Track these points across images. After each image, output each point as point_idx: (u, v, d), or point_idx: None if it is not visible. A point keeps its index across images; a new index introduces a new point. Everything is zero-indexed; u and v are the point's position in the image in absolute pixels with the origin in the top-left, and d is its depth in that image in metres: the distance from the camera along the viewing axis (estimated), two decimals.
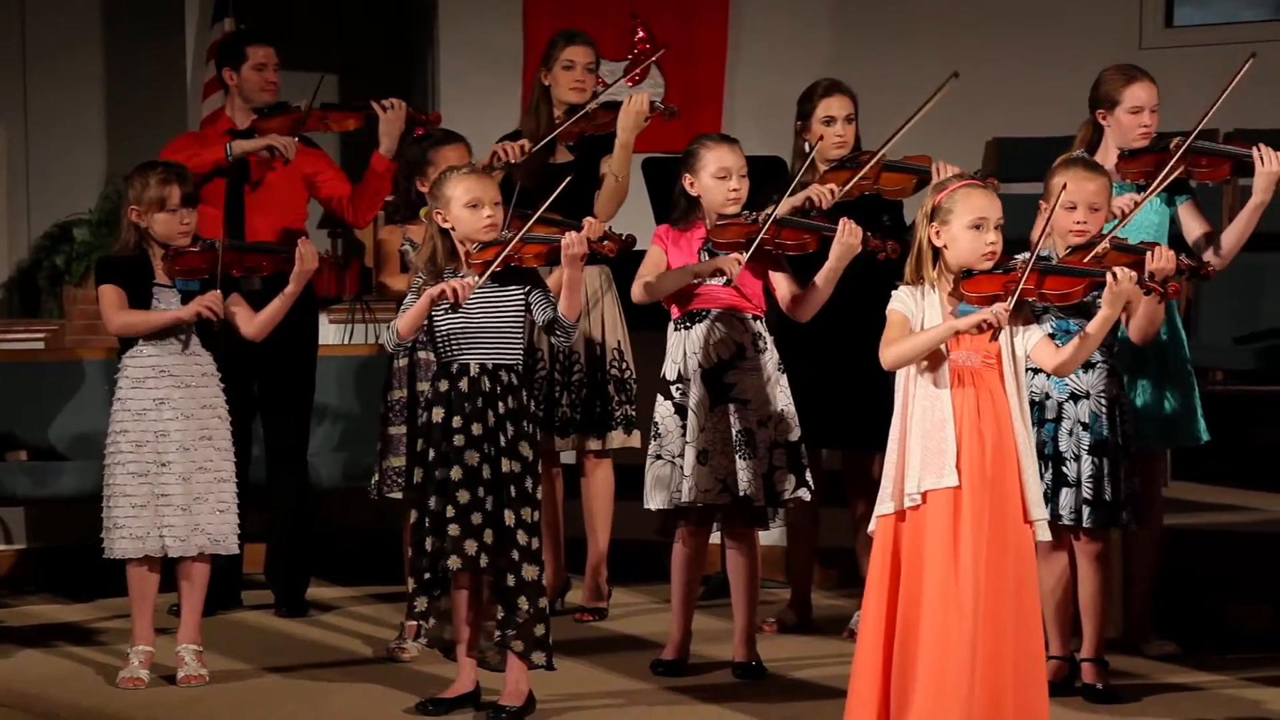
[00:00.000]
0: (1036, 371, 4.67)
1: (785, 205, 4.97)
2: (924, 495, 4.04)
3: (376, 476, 5.36)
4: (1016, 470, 4.07)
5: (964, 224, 4.09)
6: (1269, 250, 6.19)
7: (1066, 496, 4.64)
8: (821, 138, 5.25)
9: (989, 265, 4.11)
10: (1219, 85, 4.93)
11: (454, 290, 4.44)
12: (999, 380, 4.09)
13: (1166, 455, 5.89)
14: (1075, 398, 4.66)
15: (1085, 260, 4.43)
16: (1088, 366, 4.65)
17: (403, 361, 5.31)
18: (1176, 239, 4.89)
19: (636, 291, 4.97)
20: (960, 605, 4.00)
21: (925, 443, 4.06)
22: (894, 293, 4.16)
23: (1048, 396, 4.68)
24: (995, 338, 4.04)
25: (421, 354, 5.22)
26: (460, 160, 5.17)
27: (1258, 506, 5.91)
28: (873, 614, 4.10)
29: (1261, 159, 4.80)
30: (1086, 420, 4.65)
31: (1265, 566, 5.43)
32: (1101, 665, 4.73)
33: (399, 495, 5.25)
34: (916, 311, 4.12)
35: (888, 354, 4.11)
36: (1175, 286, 4.37)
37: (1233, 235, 4.94)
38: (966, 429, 4.05)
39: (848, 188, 5.10)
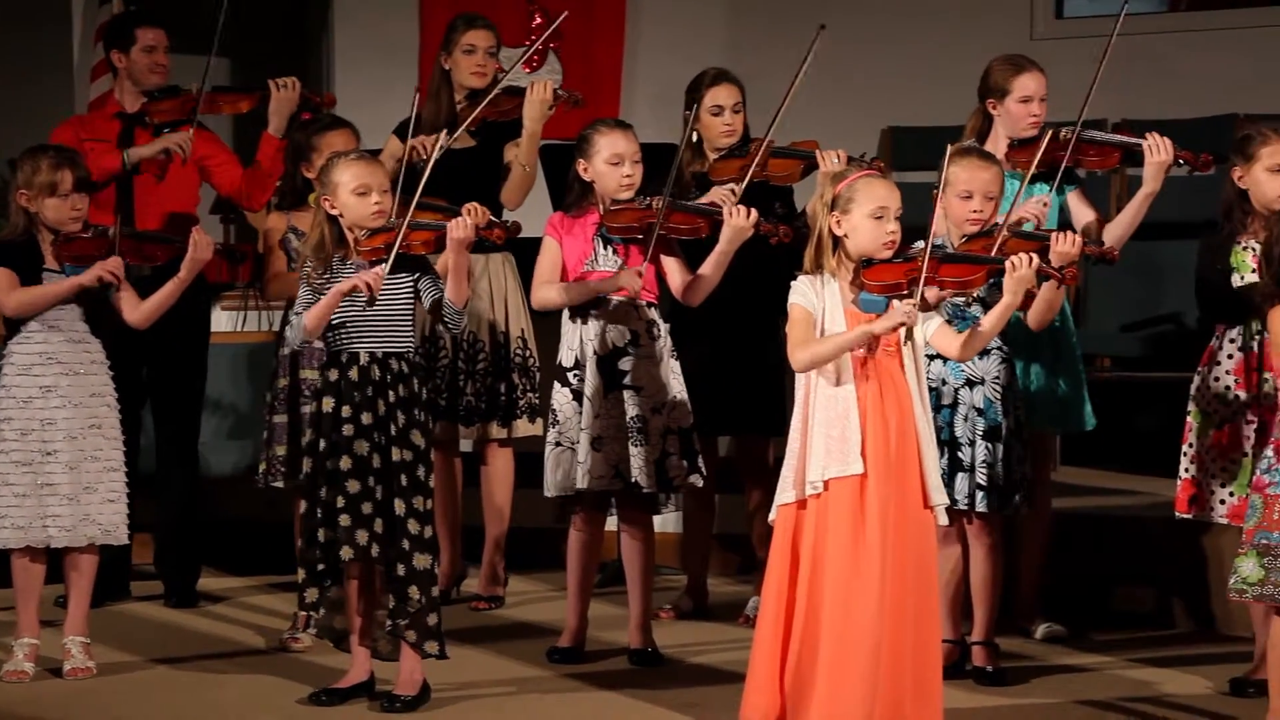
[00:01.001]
0: (933, 358, 4.72)
1: (706, 198, 4.99)
2: (826, 483, 4.07)
3: (264, 465, 5.31)
4: (917, 456, 4.12)
5: (865, 213, 4.12)
6: (1157, 239, 6.29)
7: (961, 481, 4.69)
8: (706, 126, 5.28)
9: (889, 254, 4.15)
10: (1108, 76, 4.99)
11: (366, 284, 4.40)
12: (899, 368, 4.13)
13: (1056, 440, 6.00)
14: (971, 383, 4.72)
15: (995, 247, 4.48)
16: (983, 353, 4.71)
17: (286, 349, 5.27)
18: (1066, 227, 4.95)
19: (537, 299, 4.97)
20: (865, 593, 4.04)
21: (828, 431, 4.09)
22: (793, 284, 4.18)
23: (944, 382, 4.73)
24: (909, 337, 4.09)
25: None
26: (347, 146, 5.13)
27: (1143, 490, 6.01)
28: (772, 601, 4.12)
29: (1152, 148, 4.87)
30: (981, 406, 4.71)
31: (1150, 549, 5.53)
32: (992, 648, 4.79)
33: (283, 484, 5.23)
34: (817, 303, 4.14)
35: (800, 356, 4.11)
36: (1073, 272, 4.43)
37: (1122, 224, 5.02)
38: (870, 417, 4.08)
39: (745, 183, 5.11)
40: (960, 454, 4.70)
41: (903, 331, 4.06)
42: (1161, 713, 4.42)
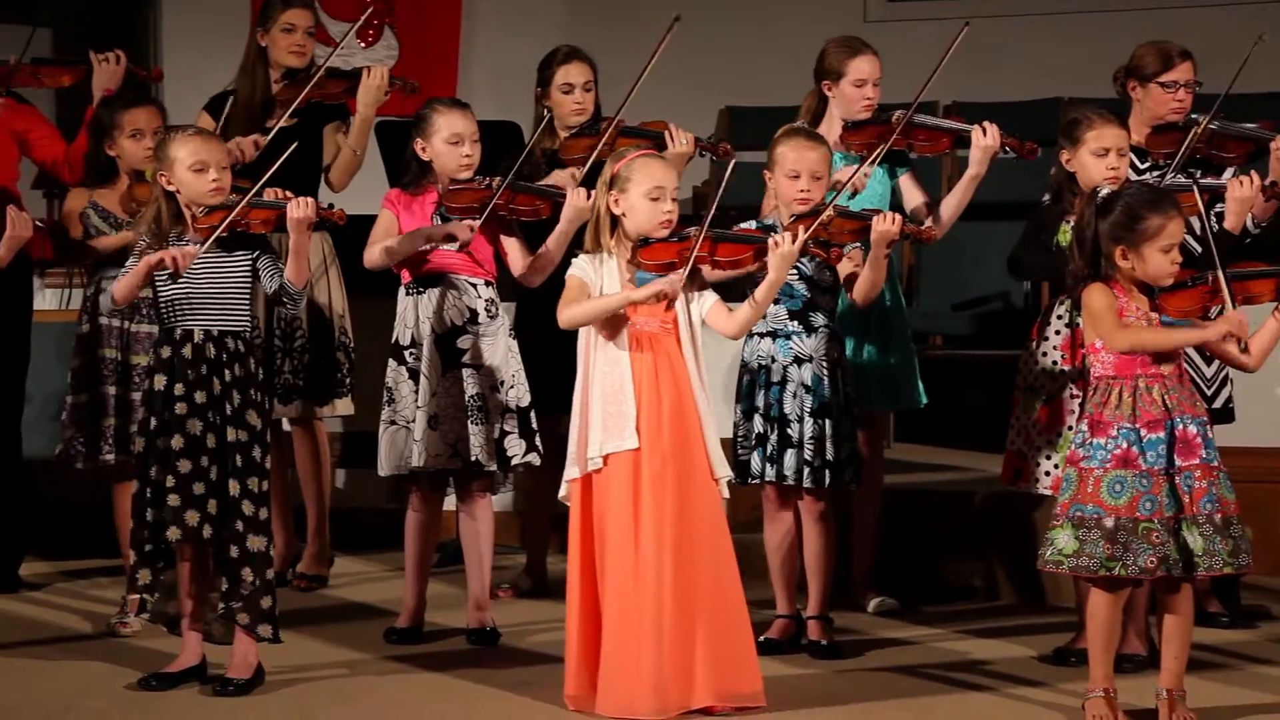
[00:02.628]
0: (763, 336, 4.78)
1: (549, 180, 4.98)
2: (605, 458, 4.15)
3: (61, 446, 5.23)
4: (699, 431, 4.17)
5: (641, 193, 4.21)
6: (985, 220, 6.42)
7: (790, 458, 4.75)
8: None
9: (665, 233, 4.22)
10: (938, 59, 5.07)
11: (174, 259, 4.32)
12: (676, 344, 4.22)
13: (889, 418, 6.10)
14: (799, 361, 4.78)
15: (813, 229, 4.54)
16: (811, 331, 4.78)
17: (85, 328, 5.17)
18: (898, 209, 5.03)
19: (370, 257, 4.93)
20: (643, 565, 4.12)
21: (606, 407, 4.18)
22: (574, 260, 4.28)
23: (773, 360, 4.79)
24: (670, 307, 4.16)
25: (131, 326, 5.09)
26: (150, 123, 5.07)
27: (973, 466, 6.14)
28: (575, 578, 4.22)
29: (981, 133, 4.97)
30: (810, 383, 4.77)
31: (979, 524, 5.66)
32: (826, 622, 4.86)
33: (82, 465, 5.17)
34: (595, 279, 4.24)
35: (563, 315, 4.24)
36: (837, 254, 4.55)
37: (950, 205, 5.11)
38: (646, 392, 4.17)
39: (586, 167, 5.11)
40: (789, 430, 4.76)
41: (679, 309, 4.15)
42: (988, 682, 4.53)
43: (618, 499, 4.16)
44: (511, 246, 4.93)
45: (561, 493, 4.29)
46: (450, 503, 5.05)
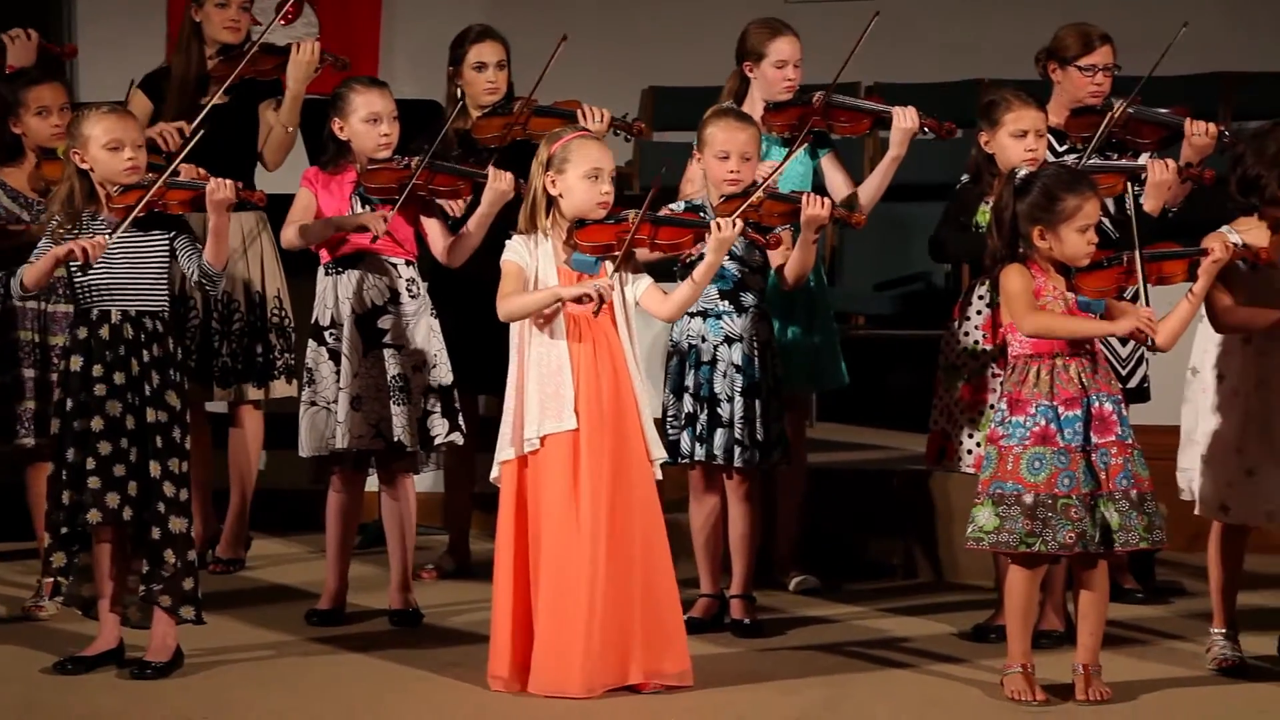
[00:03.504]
0: (694, 315, 4.79)
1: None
2: (543, 439, 4.14)
3: None
4: (635, 413, 4.19)
5: (579, 174, 4.20)
6: (907, 201, 6.47)
7: (720, 437, 4.77)
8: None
9: (603, 215, 4.21)
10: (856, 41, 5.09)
11: (83, 250, 4.25)
12: (612, 326, 4.22)
13: (812, 398, 6.13)
14: (729, 341, 4.79)
15: (742, 209, 4.55)
16: (741, 311, 4.79)
17: None
18: (819, 190, 5.05)
19: (286, 237, 4.91)
20: (579, 545, 4.13)
21: (543, 388, 4.17)
22: (508, 243, 4.27)
23: (703, 339, 4.80)
24: (596, 313, 4.16)
25: (48, 306, 5.04)
26: (55, 100, 5.01)
27: (894, 446, 6.19)
28: (505, 557, 4.22)
29: (899, 116, 5.00)
30: (740, 363, 4.78)
31: (899, 502, 5.70)
32: (749, 601, 4.88)
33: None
34: (530, 260, 4.23)
35: (502, 307, 4.22)
36: (777, 238, 4.56)
37: (871, 187, 5.14)
38: (584, 374, 4.17)
39: (501, 131, 5.10)
40: (719, 410, 4.77)
41: (615, 291, 4.12)
42: (908, 659, 4.57)
43: (555, 480, 4.16)
44: (432, 227, 4.90)
45: (494, 474, 4.27)
46: (372, 483, 5.02)
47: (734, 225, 4.27)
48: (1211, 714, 4.09)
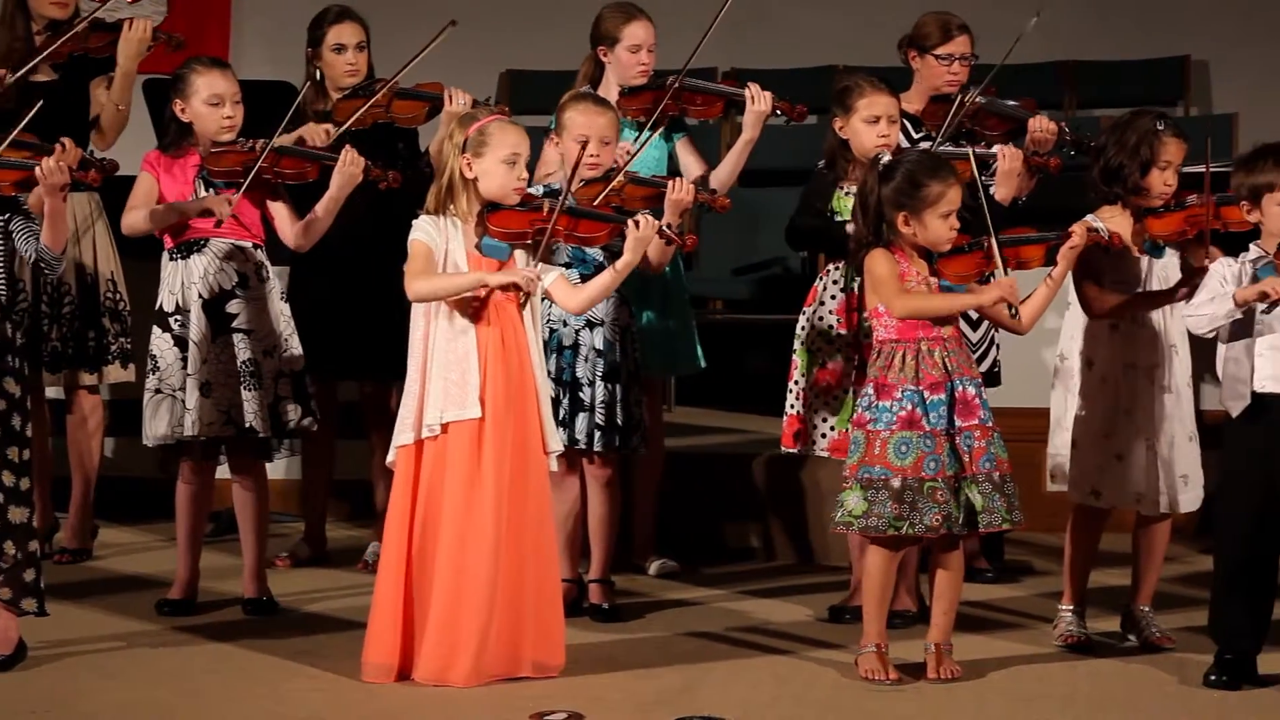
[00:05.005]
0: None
1: (287, 140, 4.88)
2: (444, 426, 4.08)
3: None
4: (536, 403, 4.16)
5: (498, 158, 4.15)
6: (764, 186, 6.51)
7: (581, 421, 4.76)
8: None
9: (518, 200, 4.16)
10: (717, 26, 5.10)
11: None
12: (519, 314, 4.17)
13: (669, 381, 6.15)
14: (591, 325, 4.79)
15: (604, 194, 4.54)
16: None
17: None
18: (674, 173, 5.06)
19: (128, 223, 4.81)
20: (480, 535, 4.09)
21: (447, 374, 4.12)
22: (415, 222, 4.19)
23: (564, 324, 4.79)
24: (523, 305, 4.12)
25: None
26: None
27: (751, 429, 6.23)
28: (394, 544, 4.15)
29: (752, 98, 5.02)
30: (601, 347, 4.78)
31: (757, 486, 5.74)
32: (608, 585, 4.89)
33: None
34: (440, 242, 4.15)
35: (415, 286, 4.13)
36: (693, 240, 4.55)
37: (725, 170, 5.16)
38: (490, 362, 4.12)
39: (345, 126, 5.03)
40: (581, 394, 4.77)
41: (521, 295, 4.10)
42: (766, 641, 4.60)
43: (456, 468, 4.09)
44: (279, 211, 4.83)
45: (389, 458, 4.20)
46: (223, 471, 4.94)
47: (651, 224, 4.24)
48: (1055, 689, 4.18)
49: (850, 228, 4.56)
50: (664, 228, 4.38)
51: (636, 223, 4.23)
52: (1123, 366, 4.46)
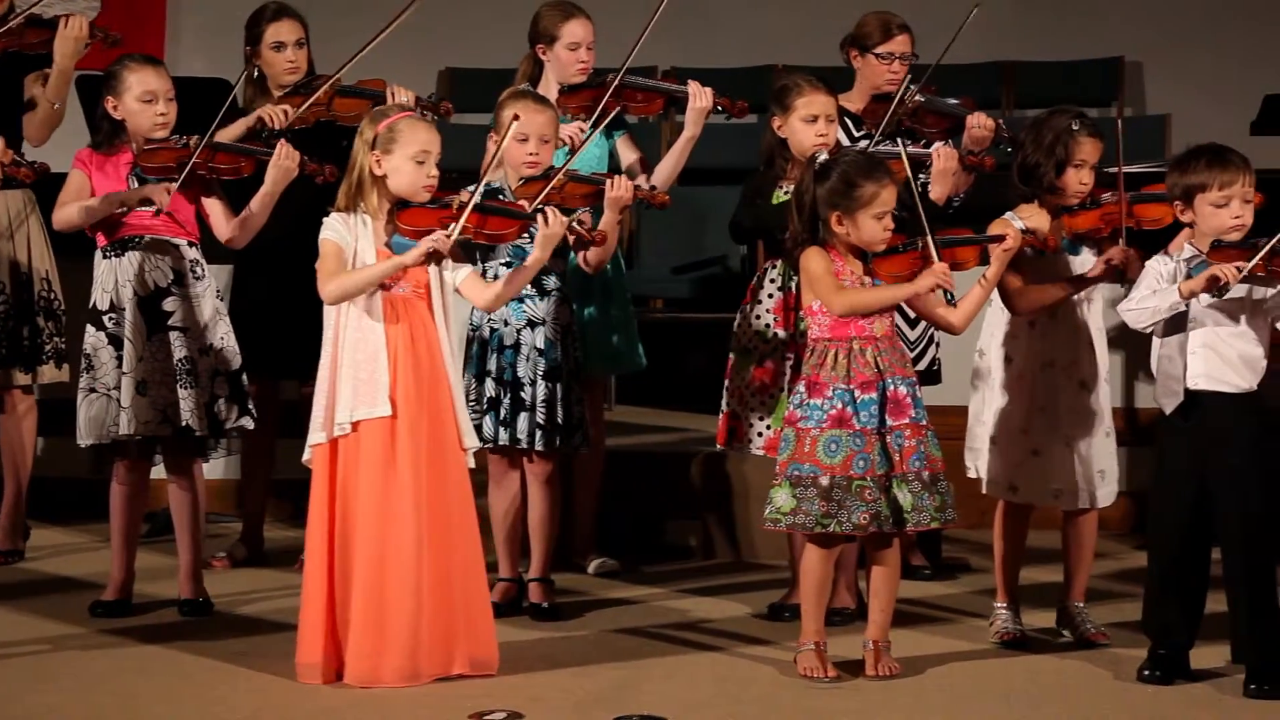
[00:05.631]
0: None
1: (240, 126, 4.85)
2: (355, 424, 4.07)
3: None
4: (450, 400, 4.16)
5: (407, 155, 4.14)
6: (705, 184, 6.52)
7: (524, 420, 4.75)
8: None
9: (428, 197, 4.15)
10: (657, 25, 5.10)
11: None
12: (428, 311, 4.16)
13: (610, 380, 6.15)
14: (532, 324, 4.78)
15: (545, 192, 4.54)
16: (544, 294, 4.78)
17: None
18: (615, 171, 5.06)
19: (61, 218, 4.77)
20: (400, 534, 4.08)
21: (357, 373, 4.11)
22: (325, 220, 4.18)
23: (506, 323, 4.78)
24: (439, 264, 4.10)
25: None
26: None
27: (691, 428, 6.24)
28: (316, 544, 4.14)
29: (693, 94, 5.03)
30: (542, 346, 4.77)
31: (697, 484, 5.75)
32: (548, 584, 4.88)
33: None
34: (350, 240, 4.14)
35: (330, 288, 4.13)
36: (602, 235, 4.54)
37: (666, 167, 5.16)
38: (400, 359, 4.11)
39: (302, 110, 5.01)
40: (522, 394, 4.76)
41: (432, 275, 4.10)
42: (705, 640, 4.61)
43: (370, 466, 4.08)
44: (214, 208, 4.80)
45: (305, 456, 4.18)
46: (159, 471, 4.90)
47: (560, 221, 4.23)
48: (992, 685, 4.20)
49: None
50: (573, 224, 4.38)
51: (544, 220, 4.22)
52: (1040, 363, 4.50)
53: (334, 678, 4.13)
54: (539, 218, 4.24)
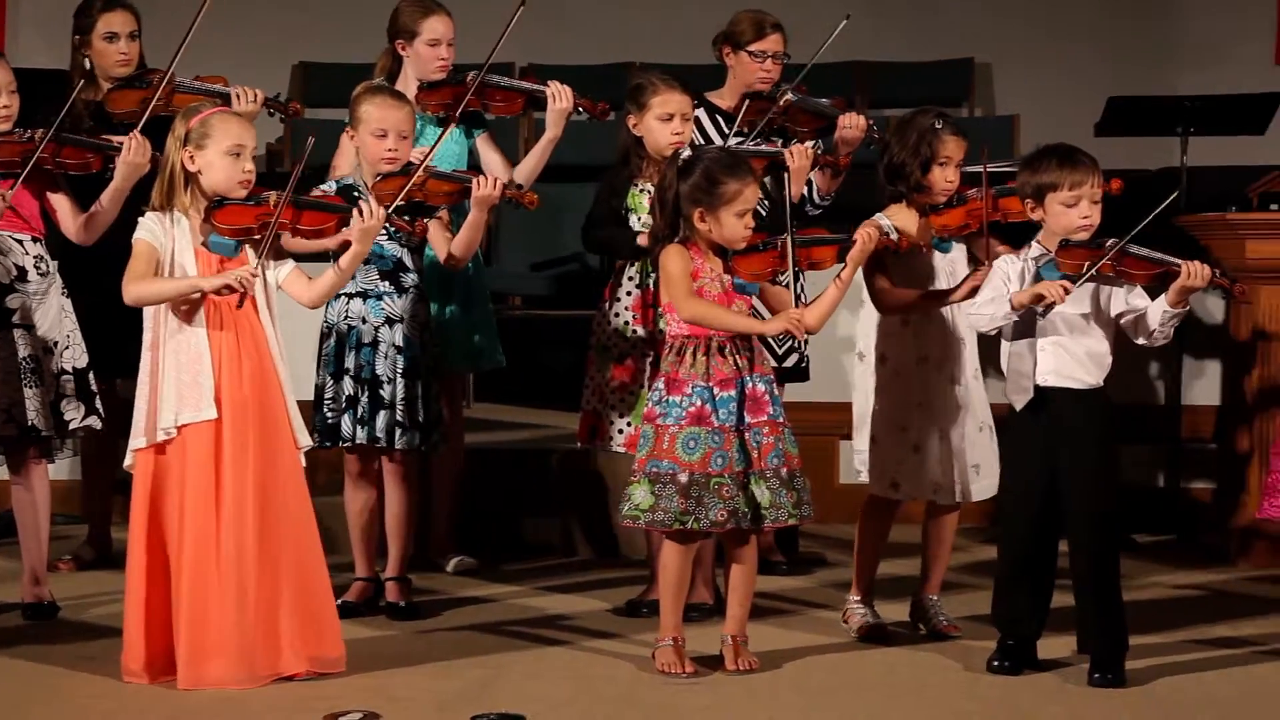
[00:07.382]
0: (353, 296, 4.71)
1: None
2: (180, 429, 4.02)
3: None
4: (281, 399, 4.12)
5: (220, 150, 4.08)
6: (564, 181, 6.52)
7: (382, 419, 4.71)
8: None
9: (244, 194, 4.10)
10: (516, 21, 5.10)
11: None
12: (254, 310, 4.12)
13: (468, 377, 6.12)
14: (390, 322, 4.74)
15: (405, 189, 4.49)
16: (402, 291, 4.75)
17: None
18: (475, 169, 5.04)
19: None
20: (224, 535, 4.04)
21: (181, 376, 4.06)
22: (140, 220, 4.11)
23: (364, 321, 4.73)
24: (239, 305, 4.05)
25: None
26: None
27: (551, 425, 6.24)
28: (137, 548, 4.09)
29: (554, 95, 5.02)
30: (401, 344, 4.73)
31: (556, 482, 5.76)
32: (405, 583, 4.85)
33: None
34: (165, 240, 4.09)
35: (130, 290, 4.07)
36: (423, 226, 4.50)
37: (527, 167, 5.16)
38: (225, 362, 4.06)
39: (149, 108, 4.91)
40: (381, 391, 4.72)
41: (237, 297, 4.03)
42: (564, 636, 4.61)
43: (196, 470, 4.03)
44: (60, 203, 4.69)
45: (127, 462, 4.12)
46: (1, 472, 4.77)
47: (378, 213, 4.19)
48: (848, 677, 4.26)
49: (643, 239, 4.61)
50: (391, 215, 4.33)
51: (360, 212, 4.18)
52: (915, 360, 4.56)
53: (154, 681, 4.07)
54: (354, 211, 4.19)
